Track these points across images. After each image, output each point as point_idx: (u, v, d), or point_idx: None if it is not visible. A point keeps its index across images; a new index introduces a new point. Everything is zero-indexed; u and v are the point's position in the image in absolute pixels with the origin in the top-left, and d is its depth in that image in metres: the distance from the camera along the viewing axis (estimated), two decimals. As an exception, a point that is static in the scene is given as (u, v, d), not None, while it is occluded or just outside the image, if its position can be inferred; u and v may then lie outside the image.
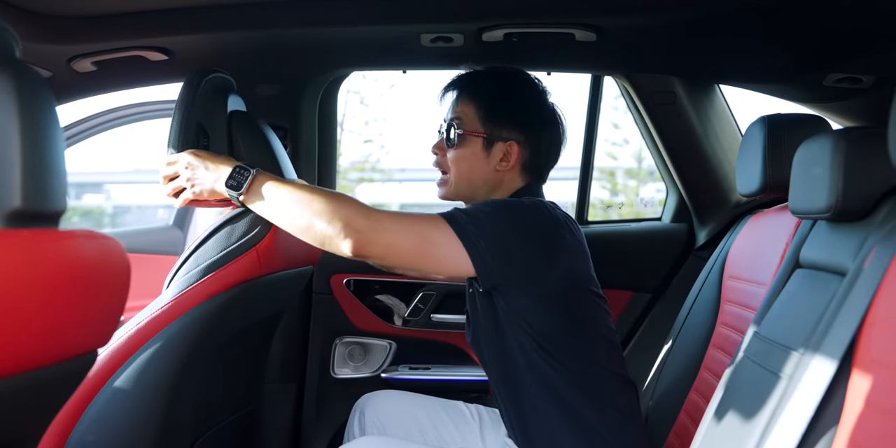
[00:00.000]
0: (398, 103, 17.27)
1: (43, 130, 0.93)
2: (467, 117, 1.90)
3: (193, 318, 1.67)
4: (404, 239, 1.60)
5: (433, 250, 1.62)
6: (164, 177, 1.74)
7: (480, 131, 1.88)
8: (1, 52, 0.94)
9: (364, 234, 1.57)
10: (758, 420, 1.29)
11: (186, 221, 4.12)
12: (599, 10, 2.01)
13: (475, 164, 1.89)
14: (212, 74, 1.85)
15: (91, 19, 1.97)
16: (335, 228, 1.57)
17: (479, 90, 1.93)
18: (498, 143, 1.88)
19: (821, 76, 2.25)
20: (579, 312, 1.77)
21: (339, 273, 2.69)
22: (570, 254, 1.74)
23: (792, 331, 1.35)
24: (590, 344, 1.77)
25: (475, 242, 1.61)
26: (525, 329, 1.70)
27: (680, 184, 2.72)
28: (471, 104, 1.91)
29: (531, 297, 1.68)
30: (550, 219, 1.72)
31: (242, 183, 1.65)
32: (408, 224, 1.61)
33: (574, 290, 1.76)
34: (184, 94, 1.79)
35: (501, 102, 1.90)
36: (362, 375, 2.72)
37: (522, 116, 1.90)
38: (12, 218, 0.89)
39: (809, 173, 1.40)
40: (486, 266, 1.62)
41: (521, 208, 1.72)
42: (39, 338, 0.91)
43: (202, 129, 1.81)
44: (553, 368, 1.71)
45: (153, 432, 1.65)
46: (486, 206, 1.69)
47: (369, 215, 1.59)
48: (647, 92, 2.59)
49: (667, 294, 2.71)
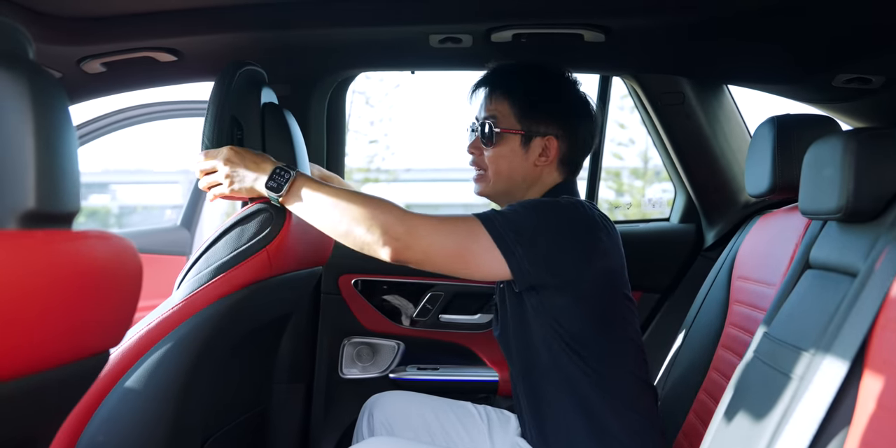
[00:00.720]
0: (404, 104, 17.29)
1: (57, 131, 0.94)
2: (502, 114, 1.89)
3: (204, 318, 1.67)
4: (442, 245, 1.61)
5: (470, 256, 1.63)
6: (202, 170, 1.74)
7: (517, 128, 1.87)
8: (14, 54, 0.95)
9: (402, 242, 1.58)
10: (768, 421, 1.29)
11: (194, 222, 4.12)
12: (608, 10, 2.00)
13: (514, 161, 1.88)
14: (245, 67, 1.85)
15: (101, 20, 1.98)
16: (374, 235, 1.58)
17: (512, 86, 1.91)
18: (536, 138, 1.87)
19: (830, 77, 2.25)
20: (612, 314, 1.77)
21: (348, 273, 2.69)
22: (607, 255, 1.74)
23: (803, 331, 1.35)
24: (618, 346, 1.78)
25: (512, 248, 1.61)
26: (555, 329, 1.71)
27: (688, 184, 2.72)
28: (505, 101, 1.89)
29: (565, 298, 1.69)
30: (588, 220, 1.72)
31: (283, 185, 1.65)
32: (445, 230, 1.62)
33: (608, 292, 1.76)
34: (218, 87, 1.78)
35: (536, 97, 1.89)
36: (370, 376, 2.72)
37: (558, 110, 1.89)
38: (27, 219, 0.90)
39: (820, 174, 1.40)
40: (522, 270, 1.63)
41: (558, 209, 1.71)
42: (53, 338, 0.91)
43: (236, 121, 1.80)
44: (579, 369, 1.71)
45: (164, 433, 1.65)
46: (523, 208, 1.69)
47: (406, 221, 1.59)
48: (656, 92, 2.59)
49: (675, 294, 2.71)
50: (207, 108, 1.78)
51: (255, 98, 1.86)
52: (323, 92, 2.62)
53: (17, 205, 0.89)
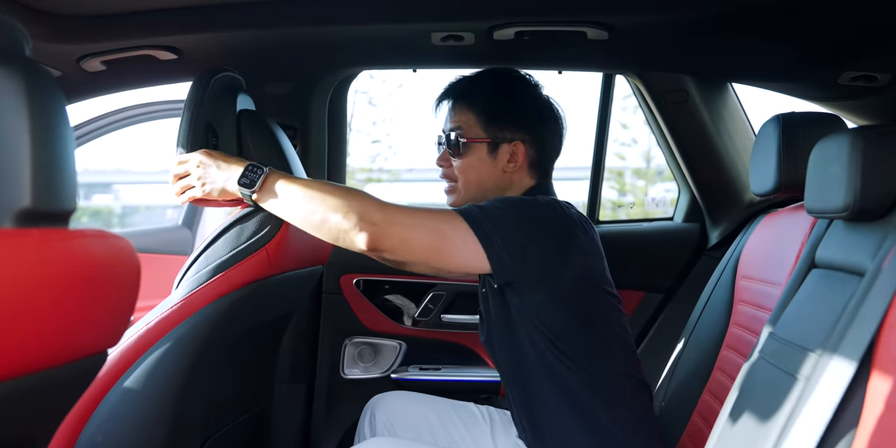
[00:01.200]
0: (406, 103, 17.29)
1: (53, 129, 0.93)
2: (467, 124, 1.89)
3: (203, 317, 1.67)
4: (419, 233, 1.60)
5: (448, 246, 1.61)
6: (175, 175, 1.74)
7: (483, 136, 1.88)
8: (11, 51, 0.93)
9: (379, 227, 1.56)
10: (774, 422, 1.27)
11: (195, 221, 4.11)
12: (612, 8, 1.99)
13: (483, 169, 1.89)
14: (221, 73, 1.84)
15: (101, 18, 1.97)
16: (350, 222, 1.56)
17: (474, 95, 1.92)
18: (503, 145, 1.88)
19: (835, 74, 2.24)
20: (593, 312, 1.76)
21: (349, 273, 2.68)
22: (584, 253, 1.73)
23: (809, 331, 1.34)
24: (603, 344, 1.76)
25: (491, 238, 1.60)
26: (538, 327, 1.70)
27: (692, 183, 2.70)
28: (469, 110, 1.90)
29: (545, 295, 1.68)
30: (565, 217, 1.71)
31: (255, 181, 1.64)
32: (423, 219, 1.60)
33: (588, 290, 1.75)
34: (193, 94, 1.78)
35: (500, 104, 1.89)
36: (372, 376, 2.71)
37: (522, 115, 1.89)
38: (22, 217, 0.89)
39: (826, 172, 1.38)
40: (501, 262, 1.61)
41: (535, 206, 1.71)
42: (50, 338, 0.90)
43: (211, 128, 1.80)
44: (566, 367, 1.70)
45: (163, 432, 1.64)
46: (502, 202, 1.69)
47: (384, 209, 1.58)
48: (660, 91, 2.58)
49: (679, 294, 2.70)
50: (182, 114, 1.78)
51: (230, 104, 1.86)
52: (324, 90, 2.61)
53: (13, 203, 0.88)
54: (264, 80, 2.50)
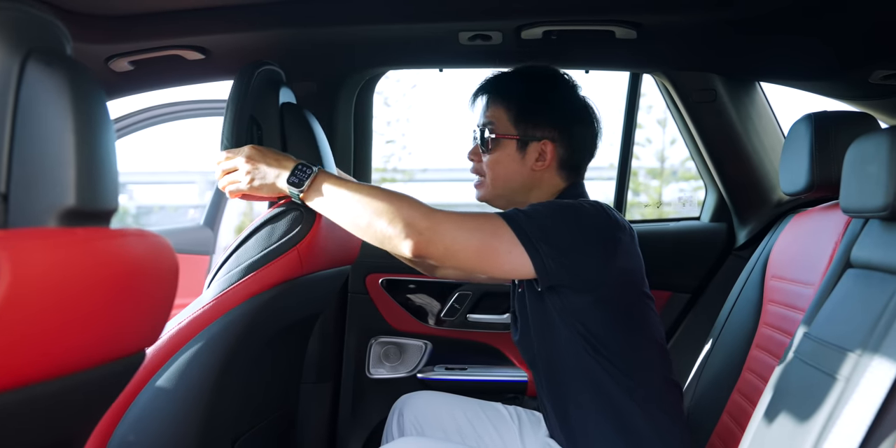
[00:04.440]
0: (421, 104, 17.30)
1: (96, 128, 0.93)
2: (499, 120, 1.88)
3: (235, 317, 1.66)
4: (465, 241, 1.59)
5: (493, 253, 1.61)
6: (222, 170, 1.73)
7: (513, 133, 1.87)
8: (55, 51, 0.94)
9: (424, 236, 1.56)
10: (813, 423, 1.26)
11: (217, 221, 4.13)
12: (640, 6, 1.99)
13: (511, 166, 1.88)
14: (263, 67, 1.84)
15: (129, 18, 1.97)
16: (396, 229, 1.56)
17: (508, 91, 1.91)
18: (532, 143, 1.87)
19: (866, 73, 2.22)
20: (633, 315, 1.76)
21: (375, 273, 2.68)
22: (627, 256, 1.73)
23: (847, 332, 1.33)
24: (641, 346, 1.76)
25: (536, 245, 1.60)
26: (578, 329, 1.69)
27: (720, 182, 2.69)
28: (501, 106, 1.89)
29: (587, 299, 1.67)
30: (609, 221, 1.71)
31: (304, 180, 1.64)
32: (469, 226, 1.60)
33: (629, 293, 1.75)
34: (237, 87, 1.78)
35: (532, 101, 1.89)
36: (398, 376, 2.70)
37: (554, 114, 1.88)
38: (66, 216, 0.89)
39: (864, 171, 1.37)
40: (546, 268, 1.61)
41: (581, 211, 1.70)
42: (95, 337, 0.91)
43: (255, 121, 1.80)
44: (603, 368, 1.70)
45: (195, 432, 1.64)
46: (546, 208, 1.68)
47: (430, 216, 1.58)
48: (687, 90, 2.56)
49: (706, 294, 2.68)
50: (226, 107, 1.78)
51: (273, 98, 1.86)
52: (350, 90, 2.61)
53: (57, 202, 0.88)
54: (291, 80, 2.49)
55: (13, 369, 0.79)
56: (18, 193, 0.87)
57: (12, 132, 0.87)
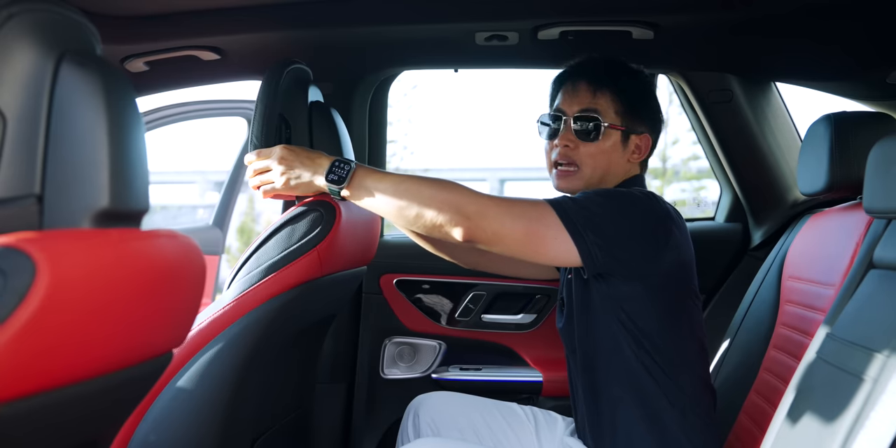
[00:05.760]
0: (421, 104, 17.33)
1: (128, 129, 0.93)
2: (605, 110, 1.86)
3: (255, 318, 1.67)
4: (512, 226, 1.59)
5: (540, 239, 1.61)
6: (254, 170, 1.73)
7: (618, 124, 1.86)
8: (87, 52, 0.94)
9: (473, 221, 1.57)
10: (840, 423, 1.26)
11: (226, 221, 4.12)
12: (657, 7, 1.99)
13: (613, 157, 1.87)
14: (292, 65, 1.84)
15: (146, 19, 1.98)
16: (445, 216, 1.57)
17: (615, 81, 1.89)
18: (633, 135, 1.88)
19: (884, 73, 2.21)
20: (679, 310, 1.76)
21: (389, 273, 2.68)
22: (678, 248, 1.72)
23: (873, 332, 1.32)
24: (684, 343, 1.76)
25: (583, 233, 1.60)
26: (621, 319, 1.70)
27: (735, 183, 2.68)
28: (610, 96, 1.87)
29: (635, 287, 1.68)
30: (661, 211, 1.71)
31: (344, 177, 1.63)
32: (516, 212, 1.60)
33: (677, 287, 1.75)
34: (266, 86, 1.78)
35: (638, 95, 1.90)
36: (412, 376, 2.70)
37: (652, 108, 1.93)
38: (100, 218, 0.89)
39: (889, 172, 1.37)
40: (592, 256, 1.61)
41: (631, 199, 1.69)
42: (128, 338, 0.91)
43: (284, 120, 1.80)
44: (642, 363, 1.70)
45: (215, 432, 1.64)
46: (597, 195, 1.68)
47: (478, 201, 1.58)
48: (704, 90, 2.56)
49: (721, 295, 2.67)
50: (255, 107, 1.78)
51: (302, 96, 1.86)
52: (366, 90, 2.61)
53: (92, 203, 0.88)
54: (306, 80, 2.50)
55: (50, 371, 0.79)
56: (53, 195, 0.87)
57: (47, 134, 0.87)
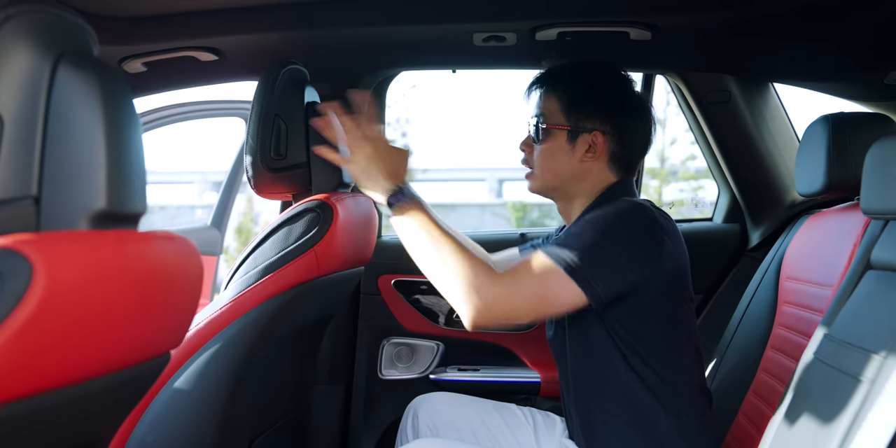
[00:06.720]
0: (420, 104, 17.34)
1: (126, 130, 0.93)
2: (550, 111, 1.86)
3: (252, 319, 1.67)
4: (523, 303, 1.61)
5: (550, 303, 1.63)
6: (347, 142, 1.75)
7: (563, 124, 1.85)
8: (84, 54, 0.93)
9: (485, 308, 1.57)
10: (837, 424, 1.26)
11: (224, 222, 4.12)
12: (655, 8, 1.99)
13: (560, 157, 1.86)
14: (289, 66, 1.85)
15: (143, 20, 1.98)
16: (459, 292, 1.58)
17: (560, 83, 1.89)
18: (582, 134, 1.84)
19: (881, 74, 2.21)
20: (673, 315, 1.76)
21: (387, 274, 2.68)
22: (672, 256, 1.71)
23: (870, 333, 1.32)
24: (678, 347, 1.76)
25: (593, 284, 1.60)
26: (617, 330, 1.70)
27: (733, 183, 2.68)
28: (554, 98, 1.87)
29: (628, 301, 1.67)
30: (653, 226, 1.70)
31: (394, 205, 1.68)
32: (527, 285, 1.60)
33: (671, 293, 1.74)
34: (262, 86, 1.80)
35: (583, 92, 1.87)
36: (410, 376, 2.70)
37: (606, 106, 1.86)
38: (97, 219, 0.89)
39: (887, 173, 1.37)
40: (598, 295, 1.61)
41: (622, 220, 1.69)
42: (127, 339, 0.91)
43: (280, 120, 1.81)
44: (636, 373, 1.70)
45: (213, 433, 1.65)
46: (591, 233, 1.67)
47: (493, 283, 1.58)
48: (701, 91, 2.56)
49: (719, 295, 2.67)
50: (251, 107, 1.79)
51: (298, 97, 1.87)
52: (364, 91, 2.60)
53: (89, 205, 0.88)
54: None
55: (48, 373, 0.79)
56: (50, 196, 0.87)
57: (44, 135, 0.87)
